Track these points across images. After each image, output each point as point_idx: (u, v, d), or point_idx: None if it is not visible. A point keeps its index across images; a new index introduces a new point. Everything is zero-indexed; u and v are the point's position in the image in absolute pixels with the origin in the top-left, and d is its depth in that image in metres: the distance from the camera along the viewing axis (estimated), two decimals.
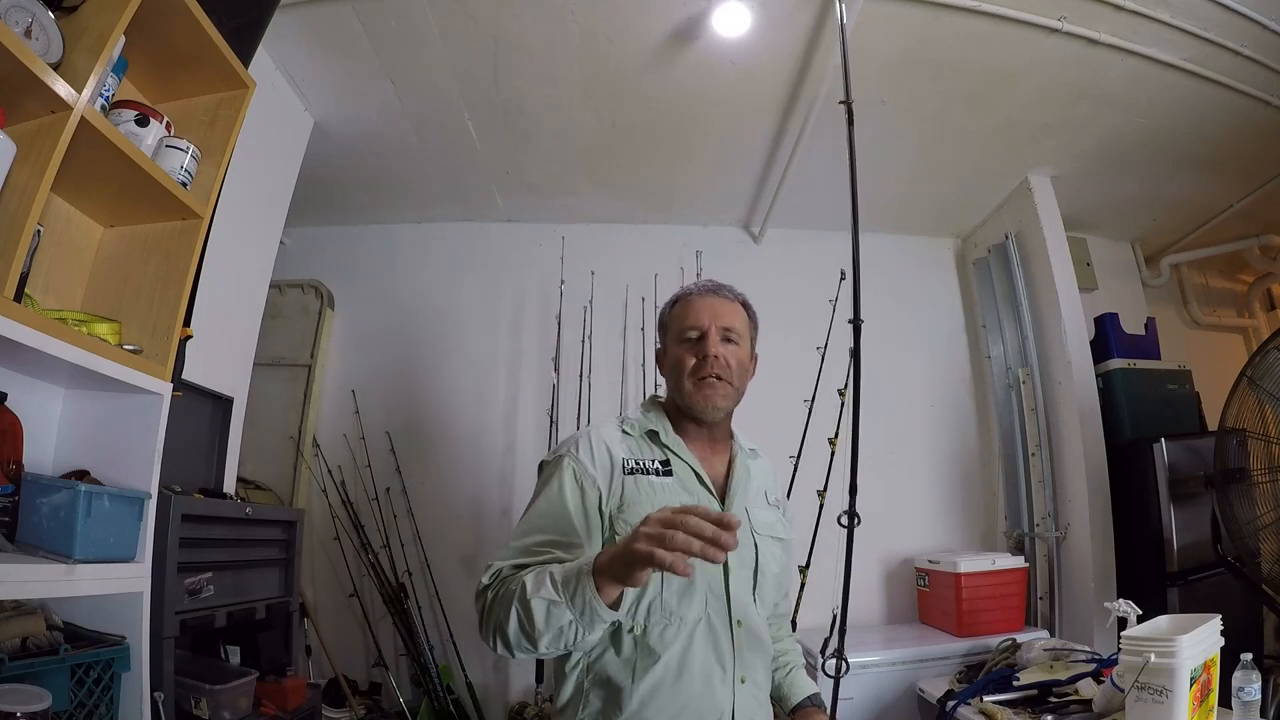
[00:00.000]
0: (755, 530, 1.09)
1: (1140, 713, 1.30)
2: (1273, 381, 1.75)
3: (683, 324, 1.11)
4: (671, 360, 1.12)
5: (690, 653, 0.97)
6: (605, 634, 0.95)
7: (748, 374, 1.15)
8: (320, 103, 2.41)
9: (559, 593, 0.81)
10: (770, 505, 1.18)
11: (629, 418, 1.14)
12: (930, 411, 3.11)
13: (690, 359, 1.08)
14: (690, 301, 1.13)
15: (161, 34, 1.36)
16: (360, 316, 3.16)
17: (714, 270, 3.05)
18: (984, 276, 3.11)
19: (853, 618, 2.79)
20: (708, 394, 1.06)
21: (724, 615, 1.01)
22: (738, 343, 1.11)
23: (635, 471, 1.04)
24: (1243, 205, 3.02)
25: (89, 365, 1.16)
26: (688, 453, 1.08)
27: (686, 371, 1.08)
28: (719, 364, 1.06)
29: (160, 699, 1.32)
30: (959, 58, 2.15)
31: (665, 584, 0.98)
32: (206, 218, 1.45)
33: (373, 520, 2.75)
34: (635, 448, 1.08)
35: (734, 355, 1.09)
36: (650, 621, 0.97)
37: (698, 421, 1.10)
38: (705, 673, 0.97)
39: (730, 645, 1.00)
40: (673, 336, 1.13)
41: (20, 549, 1.15)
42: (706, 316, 1.10)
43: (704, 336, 1.08)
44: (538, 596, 0.82)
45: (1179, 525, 2.31)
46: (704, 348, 1.07)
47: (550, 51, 2.14)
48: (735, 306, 1.14)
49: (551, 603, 0.82)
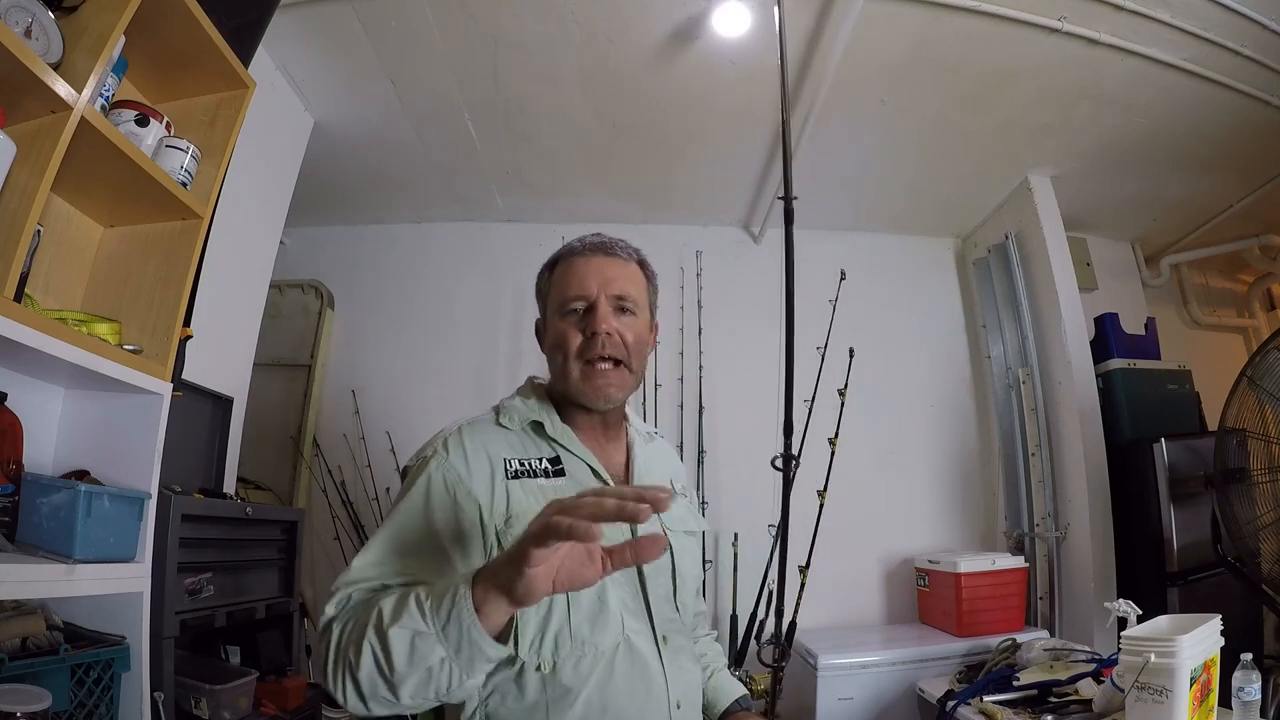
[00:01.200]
0: (668, 528, 0.92)
1: (1140, 713, 1.30)
2: (1273, 381, 1.75)
3: (565, 292, 0.90)
4: (553, 337, 0.91)
5: (612, 685, 0.80)
6: (505, 675, 0.79)
7: (647, 350, 0.95)
8: (320, 103, 2.41)
9: (427, 620, 0.62)
10: (678, 495, 1.00)
11: (505, 406, 0.94)
12: (930, 411, 3.11)
13: (576, 336, 0.88)
14: (572, 264, 0.91)
15: (161, 34, 1.36)
16: (360, 316, 3.16)
17: (714, 270, 3.06)
18: (984, 276, 3.11)
19: (853, 618, 2.84)
20: (598, 383, 0.87)
21: (647, 634, 0.85)
22: (634, 312, 0.91)
23: (520, 474, 0.85)
24: (1243, 205, 3.02)
25: (89, 365, 1.16)
26: (580, 445, 0.90)
27: (572, 352, 0.88)
28: (612, 342, 0.87)
29: (160, 699, 1.31)
30: (959, 58, 2.16)
31: (573, 608, 0.80)
32: (206, 218, 1.45)
33: (373, 520, 2.75)
34: (517, 444, 0.89)
35: (630, 329, 0.89)
36: (560, 655, 0.79)
37: (588, 411, 0.91)
38: (635, 705, 0.81)
39: (660, 667, 0.84)
40: (554, 307, 0.92)
41: (20, 549, 1.15)
42: (594, 282, 0.89)
43: (592, 308, 0.88)
44: (398, 626, 0.63)
45: (1179, 525, 2.31)
46: (592, 322, 0.87)
47: (550, 51, 2.14)
48: (630, 268, 0.93)
49: (416, 634, 0.62)
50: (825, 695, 2.19)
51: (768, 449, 2.24)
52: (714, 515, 2.77)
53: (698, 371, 2.85)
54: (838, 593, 2.74)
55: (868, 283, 2.94)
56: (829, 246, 3.19)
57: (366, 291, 3.18)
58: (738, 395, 2.95)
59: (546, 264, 0.97)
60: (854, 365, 2.29)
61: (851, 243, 3.21)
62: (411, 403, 3.01)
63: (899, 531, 2.91)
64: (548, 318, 0.94)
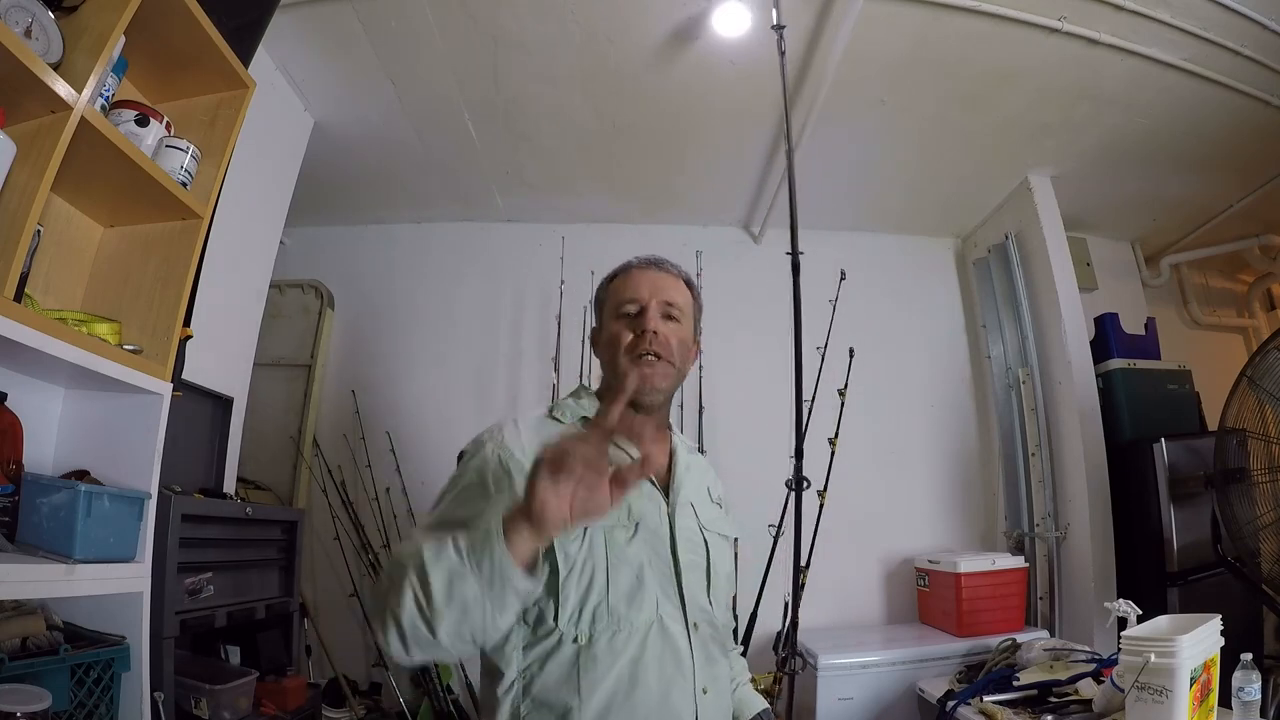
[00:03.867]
0: (704, 526, 1.00)
1: (1140, 713, 1.30)
2: (1273, 381, 1.75)
3: (620, 297, 1.02)
4: (607, 336, 1.02)
5: (643, 662, 0.85)
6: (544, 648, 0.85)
7: (690, 357, 1.04)
8: (320, 103, 2.41)
9: (463, 557, 0.68)
10: (714, 503, 1.09)
11: (559, 403, 1.04)
12: (930, 411, 3.11)
13: (627, 334, 0.98)
14: (630, 274, 1.04)
15: (161, 34, 1.36)
16: (360, 316, 3.16)
17: (714, 270, 3.06)
18: (984, 276, 3.11)
19: (853, 617, 2.83)
20: (645, 372, 0.95)
21: (679, 618, 0.90)
22: (680, 320, 1.01)
23: None
24: (1243, 205, 3.02)
25: (89, 365, 1.16)
26: (627, 441, 0.98)
27: (623, 348, 0.98)
28: (658, 340, 0.96)
29: (160, 699, 1.32)
30: (959, 58, 2.15)
31: (611, 585, 0.87)
32: (206, 218, 1.45)
33: (373, 520, 2.75)
34: None
35: (675, 334, 0.99)
36: (596, 629, 0.85)
37: (635, 406, 0.97)
38: (663, 683, 0.86)
39: (689, 651, 0.89)
40: (609, 311, 1.03)
41: (20, 549, 1.15)
42: (646, 290, 1.00)
43: (643, 311, 0.98)
44: (438, 565, 0.69)
45: (1179, 525, 2.31)
46: (642, 322, 0.97)
47: (550, 51, 2.14)
48: (678, 282, 1.05)
49: (454, 571, 0.68)
50: (825, 695, 2.19)
51: (768, 449, 2.25)
52: None
53: (698, 371, 2.85)
54: (838, 593, 2.74)
55: (868, 283, 2.93)
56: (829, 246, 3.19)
57: (366, 291, 3.18)
58: (738, 395, 2.95)
59: (607, 276, 1.09)
60: (854, 365, 2.29)
61: (851, 243, 3.21)
62: (411, 403, 3.01)
63: (899, 531, 2.91)
64: (603, 321, 1.05)
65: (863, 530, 2.82)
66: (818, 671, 2.20)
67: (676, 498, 0.97)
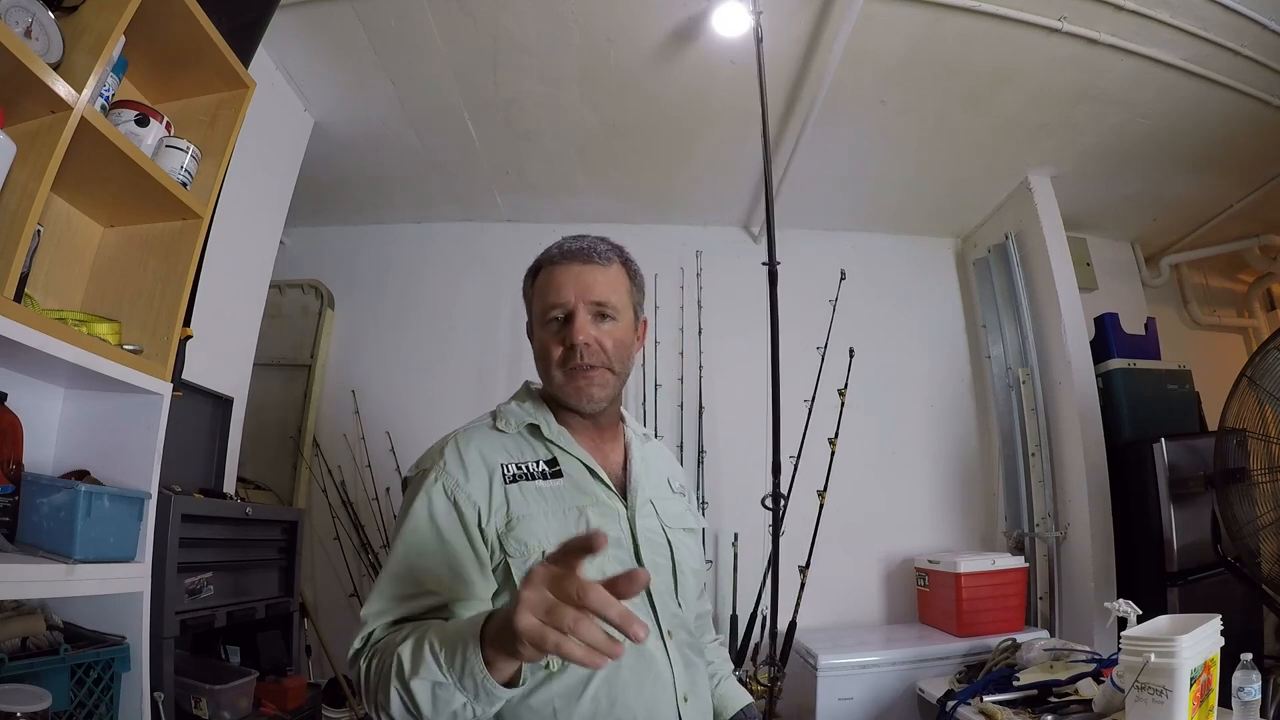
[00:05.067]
0: (666, 525, 0.94)
1: (1140, 713, 1.30)
2: (1273, 381, 1.75)
3: (545, 300, 0.92)
4: (537, 346, 0.95)
5: (619, 679, 0.81)
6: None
7: (632, 351, 0.97)
8: (320, 103, 2.41)
9: (444, 671, 0.67)
10: (676, 494, 1.03)
11: (502, 411, 0.96)
12: (930, 411, 3.11)
13: (557, 347, 0.90)
14: (551, 273, 0.93)
15: (161, 34, 1.36)
16: (360, 316, 3.16)
17: (714, 270, 3.06)
18: (984, 277, 3.11)
19: (853, 617, 2.83)
20: (580, 385, 0.89)
21: (652, 628, 0.86)
22: (615, 317, 0.92)
23: (518, 478, 0.87)
24: (1243, 205, 3.02)
25: (89, 365, 1.16)
26: (576, 446, 0.92)
27: (554, 361, 0.91)
28: (590, 351, 0.89)
29: (160, 699, 1.31)
30: (959, 58, 2.15)
31: None
32: (206, 218, 1.45)
33: (373, 520, 2.75)
34: (514, 448, 0.91)
35: (610, 334, 0.91)
36: None
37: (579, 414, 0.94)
38: (643, 698, 0.82)
39: (666, 661, 0.86)
40: (536, 316, 0.95)
41: (20, 549, 1.15)
42: (571, 291, 0.90)
43: (570, 317, 0.90)
44: (419, 677, 0.68)
45: (1179, 525, 2.31)
46: (570, 334, 0.89)
47: (550, 51, 2.14)
48: (609, 271, 0.93)
49: (436, 684, 0.67)
50: (825, 695, 2.19)
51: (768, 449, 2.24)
52: (714, 515, 2.77)
53: (698, 371, 2.85)
54: (838, 593, 2.74)
55: (868, 283, 2.94)
56: (829, 246, 3.20)
57: (366, 291, 3.18)
58: (738, 395, 2.95)
59: (529, 270, 1.00)
60: (854, 365, 2.29)
61: (852, 243, 3.21)
62: (411, 403, 3.01)
63: (899, 531, 2.91)
64: (533, 326, 0.97)
65: (863, 530, 2.82)
66: (818, 671, 2.20)
67: (635, 499, 0.92)
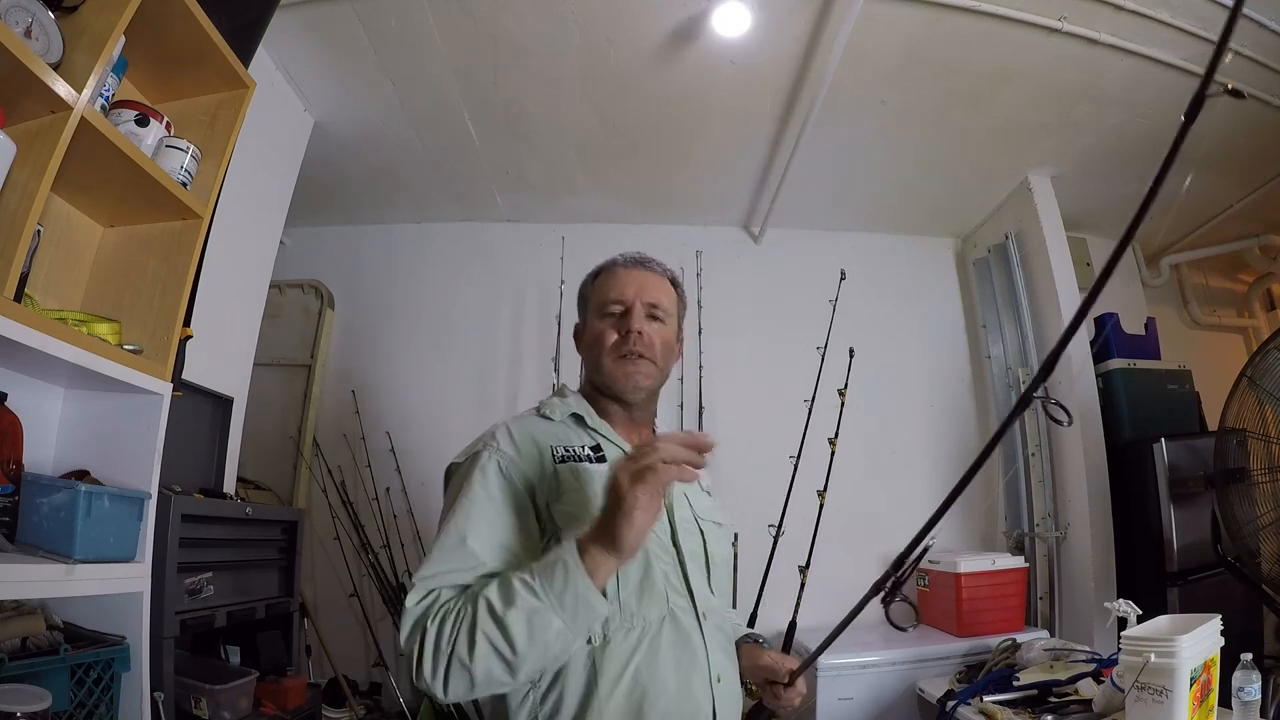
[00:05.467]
0: (699, 516, 1.01)
1: (1140, 713, 1.30)
2: (1273, 381, 1.75)
3: (605, 296, 1.02)
4: (591, 336, 1.03)
5: (659, 657, 0.85)
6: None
7: (673, 356, 1.06)
8: (320, 103, 2.41)
9: (540, 595, 0.68)
10: (704, 491, 1.11)
11: (546, 403, 1.03)
12: (930, 412, 3.11)
13: (611, 334, 1.00)
14: (615, 273, 1.04)
15: (161, 34, 1.36)
16: (360, 316, 3.15)
17: (714, 270, 3.06)
18: (984, 276, 3.10)
19: None
20: (629, 370, 0.97)
21: (689, 609, 0.91)
22: (664, 320, 1.02)
23: (567, 459, 0.93)
24: (1243, 205, 3.01)
25: (89, 365, 1.16)
26: (617, 436, 1.00)
27: (607, 347, 0.99)
28: (642, 341, 0.98)
29: (160, 699, 1.32)
30: (959, 58, 2.15)
31: (621, 582, 0.86)
32: (206, 218, 1.45)
33: (373, 520, 2.75)
34: (561, 433, 0.97)
35: (659, 334, 1.01)
36: (610, 628, 0.84)
37: (620, 403, 1.01)
38: (681, 677, 0.86)
39: (702, 642, 0.90)
40: (593, 310, 1.05)
41: (20, 549, 1.15)
42: (631, 290, 1.01)
43: (628, 311, 1.00)
44: (514, 609, 0.68)
45: (1179, 525, 2.31)
46: (627, 323, 0.99)
47: (550, 51, 2.14)
48: (663, 282, 1.05)
49: (533, 611, 0.68)
50: (825, 695, 2.19)
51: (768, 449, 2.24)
52: None
53: (698, 371, 2.85)
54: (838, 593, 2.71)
55: (868, 283, 2.94)
56: (829, 246, 3.20)
57: (366, 291, 3.18)
58: (738, 395, 2.95)
59: (591, 273, 1.10)
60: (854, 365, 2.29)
61: (851, 243, 3.21)
62: (411, 403, 3.01)
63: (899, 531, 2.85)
64: (588, 320, 1.06)
65: (863, 530, 2.81)
66: (818, 671, 2.20)
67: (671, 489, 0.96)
